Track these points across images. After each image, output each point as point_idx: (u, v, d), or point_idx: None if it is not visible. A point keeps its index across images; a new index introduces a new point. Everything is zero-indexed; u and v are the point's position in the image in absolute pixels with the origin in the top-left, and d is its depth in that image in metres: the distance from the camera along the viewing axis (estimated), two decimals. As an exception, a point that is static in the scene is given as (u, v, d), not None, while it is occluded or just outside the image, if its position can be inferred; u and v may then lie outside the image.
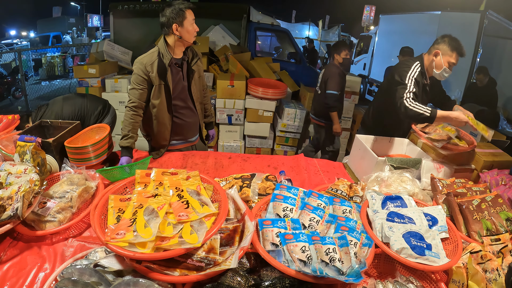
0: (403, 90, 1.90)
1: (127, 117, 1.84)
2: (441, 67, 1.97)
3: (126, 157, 1.76)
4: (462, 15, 5.28)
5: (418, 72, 1.98)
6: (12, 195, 1.13)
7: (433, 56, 2.00)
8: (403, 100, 1.86)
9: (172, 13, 1.74)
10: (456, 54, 1.94)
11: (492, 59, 5.22)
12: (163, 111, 1.93)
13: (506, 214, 1.36)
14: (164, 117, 1.95)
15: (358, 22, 13.45)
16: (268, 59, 4.89)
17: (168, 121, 1.97)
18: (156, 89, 1.87)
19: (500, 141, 2.38)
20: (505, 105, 5.37)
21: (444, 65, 1.96)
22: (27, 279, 1.04)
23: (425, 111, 1.80)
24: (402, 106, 1.86)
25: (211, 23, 4.97)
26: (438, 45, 1.98)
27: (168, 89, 1.87)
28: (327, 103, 3.14)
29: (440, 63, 1.97)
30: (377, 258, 1.16)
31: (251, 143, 3.96)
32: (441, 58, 1.96)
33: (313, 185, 1.69)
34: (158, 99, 1.90)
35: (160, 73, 1.82)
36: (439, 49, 1.97)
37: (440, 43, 1.97)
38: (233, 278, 0.96)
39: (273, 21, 5.65)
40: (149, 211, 1.03)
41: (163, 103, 1.91)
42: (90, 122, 2.23)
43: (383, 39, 8.21)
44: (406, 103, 1.85)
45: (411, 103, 1.84)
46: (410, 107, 1.83)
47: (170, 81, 1.86)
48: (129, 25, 4.99)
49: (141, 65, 1.81)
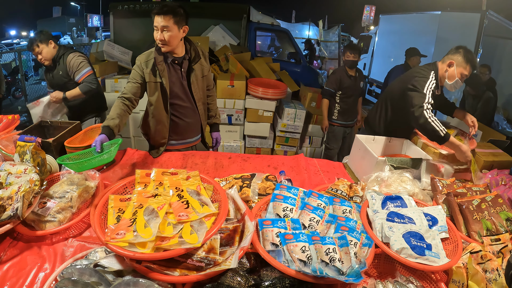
0: (421, 99, 1.83)
1: (115, 105, 1.80)
2: (454, 78, 1.91)
3: (102, 135, 1.56)
4: (462, 15, 5.29)
5: (435, 83, 1.92)
6: (12, 195, 1.13)
7: (447, 66, 1.94)
8: (423, 110, 1.79)
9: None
10: (469, 67, 1.88)
11: (492, 59, 5.21)
12: (160, 108, 1.92)
13: (506, 214, 1.36)
14: (162, 115, 1.94)
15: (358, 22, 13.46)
16: (268, 59, 4.89)
17: (165, 119, 1.95)
18: (152, 86, 1.86)
19: (500, 141, 2.38)
20: (505, 105, 5.37)
21: (457, 76, 1.90)
22: (27, 279, 1.04)
23: (441, 130, 1.74)
24: (421, 116, 1.78)
25: (211, 23, 4.97)
26: (453, 55, 1.92)
27: (163, 86, 1.86)
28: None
29: (453, 74, 1.91)
30: (377, 258, 1.16)
31: (251, 143, 3.96)
32: (455, 69, 1.90)
33: (313, 185, 1.69)
34: (155, 96, 1.89)
35: (154, 71, 1.83)
36: (454, 59, 1.91)
37: (455, 54, 1.91)
38: (233, 278, 0.96)
39: (273, 21, 5.65)
40: (149, 211, 1.03)
41: (160, 101, 1.90)
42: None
43: (383, 39, 8.21)
44: (426, 114, 1.77)
45: (431, 115, 1.78)
46: (429, 120, 1.76)
47: (166, 79, 1.85)
48: (129, 25, 4.99)
49: (138, 61, 1.85)
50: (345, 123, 3.54)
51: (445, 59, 1.96)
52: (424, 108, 1.79)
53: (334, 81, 3.36)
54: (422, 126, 1.79)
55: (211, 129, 2.32)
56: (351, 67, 3.35)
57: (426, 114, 1.77)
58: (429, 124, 1.76)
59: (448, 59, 1.94)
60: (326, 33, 10.19)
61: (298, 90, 4.53)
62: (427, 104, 1.81)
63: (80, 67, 2.45)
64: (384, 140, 2.08)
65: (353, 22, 16.45)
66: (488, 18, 4.86)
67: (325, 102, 3.45)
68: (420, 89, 1.87)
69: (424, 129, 1.80)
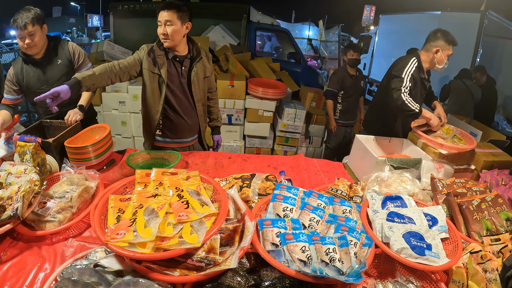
0: (400, 82, 2.02)
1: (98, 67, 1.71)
2: (443, 61, 2.09)
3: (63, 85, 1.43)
4: (462, 15, 5.28)
5: (415, 67, 2.10)
6: (12, 195, 1.13)
7: (434, 53, 2.10)
8: (401, 93, 1.97)
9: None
10: (452, 46, 2.08)
11: (492, 59, 5.22)
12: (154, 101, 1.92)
13: (506, 214, 1.36)
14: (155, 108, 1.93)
15: (358, 22, 13.45)
16: (268, 59, 4.89)
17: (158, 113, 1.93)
18: (150, 76, 1.85)
19: (500, 141, 2.38)
20: (504, 105, 5.37)
21: (445, 59, 2.09)
22: (27, 279, 1.04)
23: (416, 108, 1.94)
24: (399, 98, 1.96)
25: (211, 23, 4.97)
26: (436, 42, 2.09)
27: (161, 79, 1.86)
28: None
29: (441, 58, 2.09)
30: (377, 258, 1.16)
31: (251, 143, 3.96)
32: (442, 54, 2.08)
33: (313, 185, 1.69)
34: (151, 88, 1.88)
35: (155, 61, 1.83)
36: (438, 46, 2.08)
37: (437, 40, 2.08)
38: (233, 278, 0.96)
39: (273, 21, 5.66)
40: (149, 211, 1.03)
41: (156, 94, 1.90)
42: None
43: (383, 39, 8.21)
44: (403, 96, 1.96)
45: (407, 97, 1.97)
46: (406, 102, 1.95)
47: (165, 72, 1.84)
48: (129, 25, 4.99)
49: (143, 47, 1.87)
50: (346, 122, 3.56)
51: (429, 47, 2.13)
52: (401, 91, 1.98)
53: (337, 81, 3.37)
54: (399, 107, 1.97)
55: (212, 131, 2.31)
56: (353, 66, 3.36)
57: (403, 97, 1.96)
58: (406, 106, 1.95)
59: (431, 47, 2.11)
60: (326, 33, 10.18)
61: (298, 90, 4.53)
62: (404, 88, 1.99)
63: (86, 59, 2.13)
64: (384, 140, 2.08)
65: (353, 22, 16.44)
66: (488, 18, 4.86)
67: (329, 103, 3.44)
68: (399, 75, 2.06)
69: (401, 110, 1.98)
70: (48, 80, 1.97)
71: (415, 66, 2.10)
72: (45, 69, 1.96)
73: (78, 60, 2.06)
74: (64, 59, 2.01)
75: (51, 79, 1.98)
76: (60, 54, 2.01)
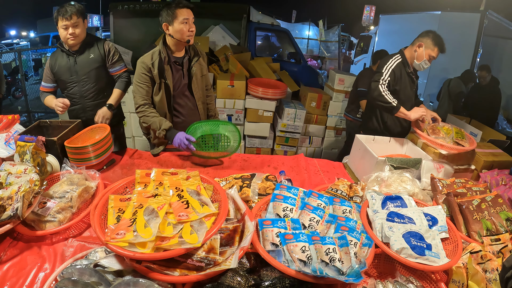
0: (379, 75, 2.07)
1: (148, 116, 1.86)
2: (422, 58, 2.09)
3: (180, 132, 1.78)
4: (462, 15, 5.28)
5: (398, 63, 2.13)
6: (12, 195, 1.13)
7: (417, 47, 2.10)
8: (378, 84, 2.03)
9: (163, 12, 1.80)
10: (437, 49, 2.05)
11: (492, 59, 5.21)
12: (163, 108, 1.94)
13: (506, 214, 1.36)
14: (164, 114, 1.95)
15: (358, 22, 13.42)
16: (268, 59, 4.89)
17: (168, 119, 1.97)
18: (157, 86, 1.88)
19: (500, 141, 2.38)
20: (505, 105, 5.36)
21: (425, 57, 2.07)
22: (27, 279, 1.04)
23: (393, 101, 1.99)
24: (376, 89, 2.02)
25: (211, 23, 4.97)
26: (423, 38, 2.08)
27: (168, 87, 1.88)
28: None
29: (421, 54, 2.08)
30: (377, 258, 1.16)
31: (251, 143, 3.96)
32: (423, 50, 2.07)
33: (313, 185, 1.69)
34: (158, 96, 1.90)
35: (161, 71, 1.84)
36: (423, 41, 2.07)
37: (425, 37, 2.08)
38: (233, 278, 0.96)
39: (273, 21, 5.65)
40: (149, 211, 1.03)
41: (163, 101, 1.92)
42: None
43: (383, 39, 8.19)
44: (381, 88, 2.01)
45: (385, 89, 2.02)
46: (383, 93, 2.00)
47: (170, 79, 1.87)
48: (129, 25, 4.98)
49: (143, 64, 1.84)
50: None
51: (415, 41, 2.13)
52: (379, 83, 2.03)
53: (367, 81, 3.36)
54: (376, 98, 2.02)
55: None
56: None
57: (380, 88, 2.01)
58: (383, 97, 2.00)
59: (417, 41, 2.11)
60: (326, 33, 10.18)
61: (298, 90, 4.53)
62: (382, 80, 2.05)
63: (120, 60, 2.18)
64: (384, 140, 2.08)
65: (353, 22, 16.41)
66: (488, 18, 4.86)
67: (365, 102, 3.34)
68: (379, 70, 2.12)
69: (379, 101, 2.02)
70: (78, 72, 2.08)
71: (398, 62, 2.12)
72: (76, 60, 2.06)
73: (112, 59, 2.14)
74: (97, 55, 2.10)
75: (80, 70, 2.08)
76: (94, 50, 2.10)
